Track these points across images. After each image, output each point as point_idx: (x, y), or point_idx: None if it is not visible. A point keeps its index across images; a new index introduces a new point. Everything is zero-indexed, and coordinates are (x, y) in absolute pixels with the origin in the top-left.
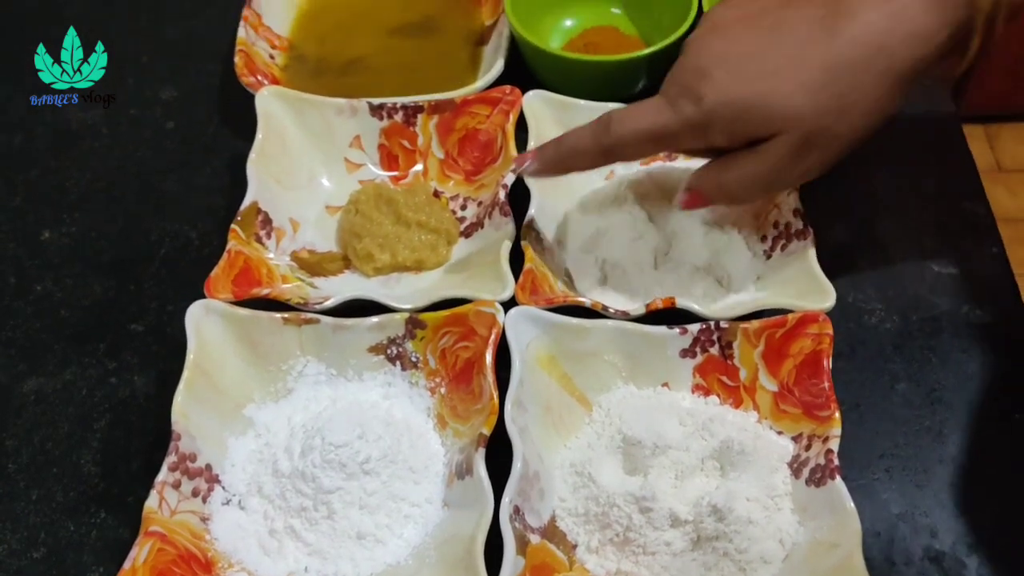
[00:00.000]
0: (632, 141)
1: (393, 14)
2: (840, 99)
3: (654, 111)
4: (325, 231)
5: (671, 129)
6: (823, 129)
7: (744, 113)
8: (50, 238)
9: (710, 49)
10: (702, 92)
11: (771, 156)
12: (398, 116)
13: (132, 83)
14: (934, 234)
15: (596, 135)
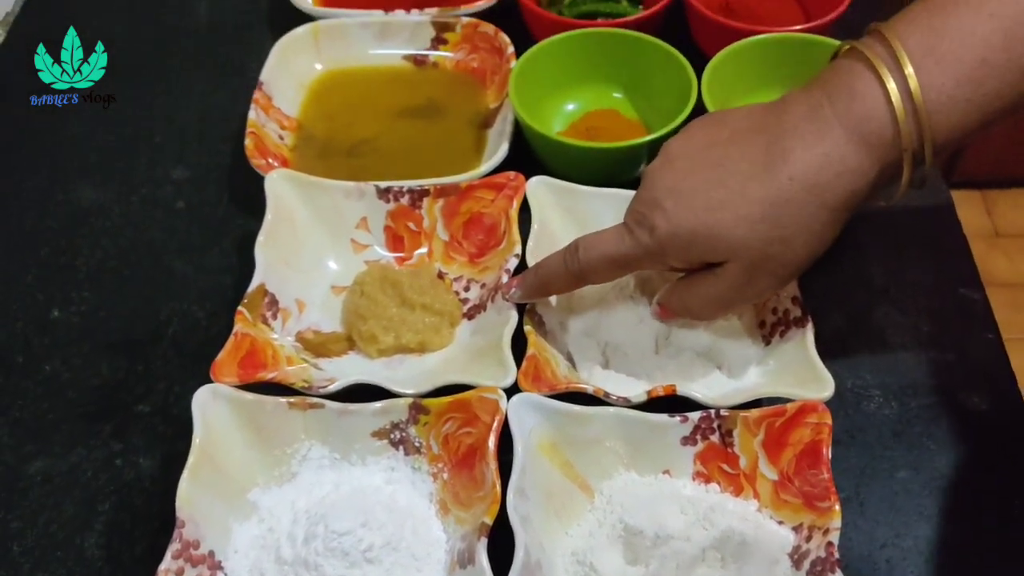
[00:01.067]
0: (598, 267)
1: (400, 96)
2: (781, 230)
3: (616, 239)
4: (330, 311)
5: (631, 256)
6: (768, 257)
7: (693, 243)
8: (59, 317)
9: (663, 181)
10: (655, 223)
11: (724, 280)
12: (404, 199)
13: (144, 163)
14: (930, 320)
15: (567, 261)
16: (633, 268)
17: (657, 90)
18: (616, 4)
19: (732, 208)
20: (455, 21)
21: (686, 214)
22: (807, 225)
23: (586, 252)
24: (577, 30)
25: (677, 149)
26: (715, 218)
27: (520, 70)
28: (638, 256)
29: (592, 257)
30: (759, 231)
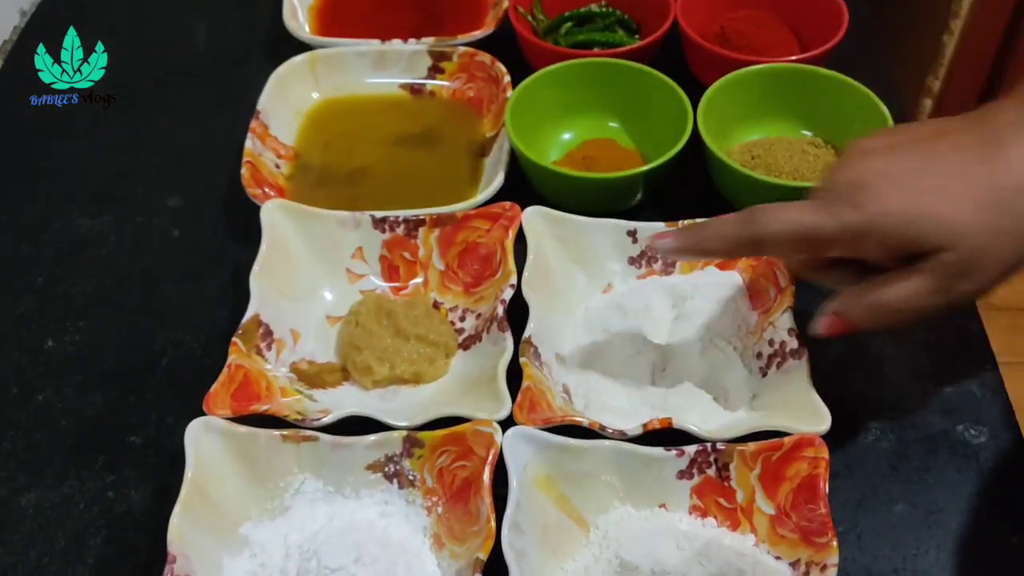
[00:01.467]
0: (781, 237)
1: (397, 124)
2: (1013, 219)
3: (809, 212)
4: (325, 342)
5: (826, 232)
6: (985, 249)
7: (907, 225)
8: (53, 347)
9: (867, 166)
10: (862, 201)
11: (931, 274)
12: (400, 229)
13: (141, 191)
14: (928, 352)
15: (742, 225)
16: (818, 249)
17: (653, 119)
18: (612, 34)
19: (956, 191)
20: (452, 50)
21: (901, 195)
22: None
23: (770, 220)
24: (573, 60)
25: (872, 144)
26: (935, 200)
27: (516, 100)
28: (833, 235)
29: (777, 226)
30: (986, 218)
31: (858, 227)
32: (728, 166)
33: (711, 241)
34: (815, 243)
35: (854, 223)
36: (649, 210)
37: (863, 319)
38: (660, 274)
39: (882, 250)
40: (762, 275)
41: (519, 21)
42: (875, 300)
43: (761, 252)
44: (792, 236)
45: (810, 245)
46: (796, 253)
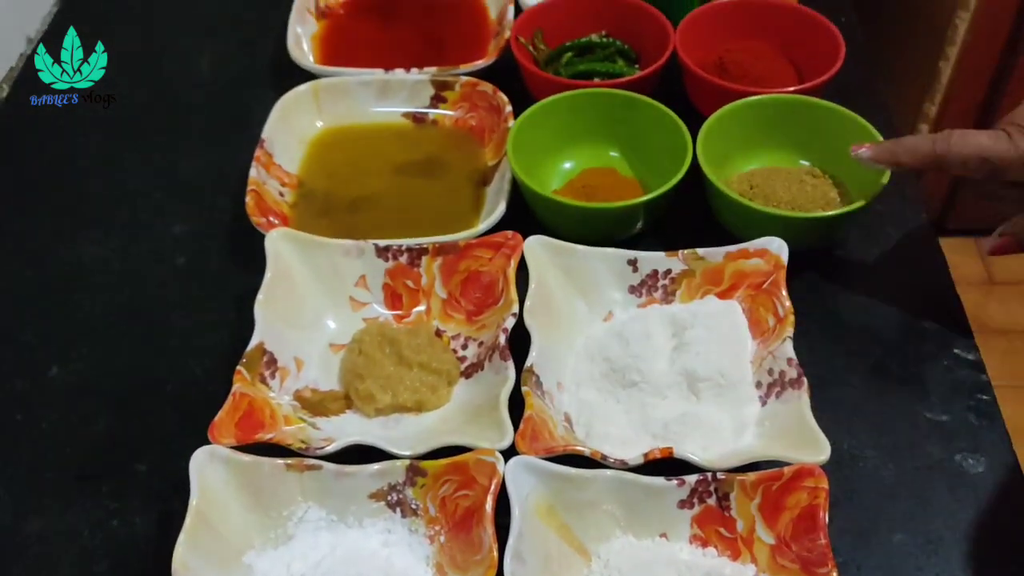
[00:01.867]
0: (967, 157)
1: (400, 153)
2: None
3: (994, 139)
4: (328, 369)
5: (1006, 158)
6: None
7: None
8: (58, 374)
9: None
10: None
11: None
12: (403, 258)
13: (145, 218)
14: (925, 381)
15: (935, 142)
16: (996, 172)
17: (653, 149)
18: (613, 64)
19: None
20: (454, 80)
21: None
22: None
23: (961, 141)
24: (574, 90)
25: None
26: None
27: (518, 130)
28: (1012, 161)
29: (966, 147)
30: None
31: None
32: (727, 196)
33: (904, 154)
34: (995, 167)
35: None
36: (650, 238)
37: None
38: (660, 302)
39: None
40: (761, 304)
41: (520, 51)
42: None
43: (947, 169)
44: (977, 157)
45: (990, 168)
46: (977, 175)
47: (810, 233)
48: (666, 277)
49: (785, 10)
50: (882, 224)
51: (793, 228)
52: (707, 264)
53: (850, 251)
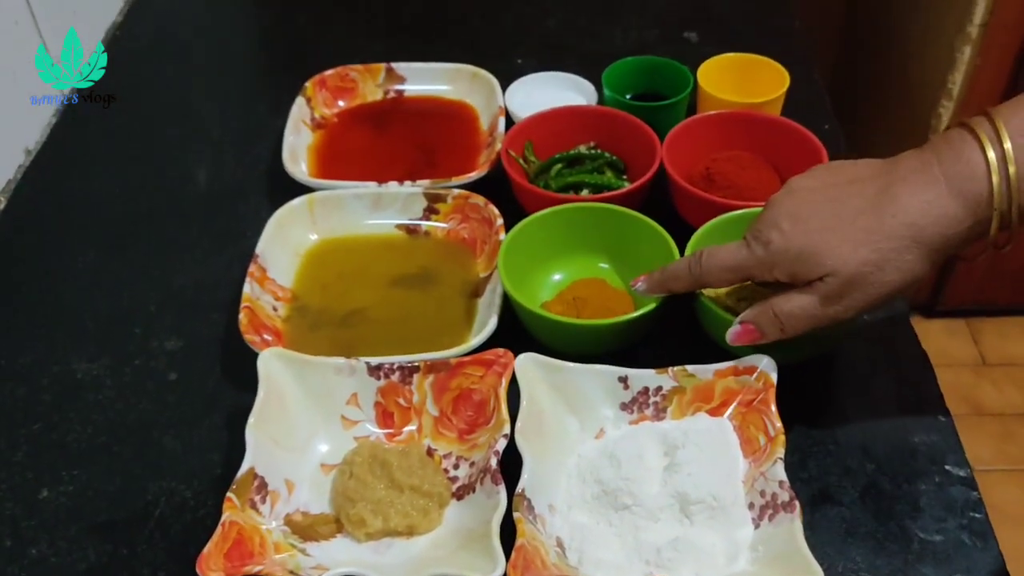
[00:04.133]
0: (716, 273)
1: (393, 265)
2: (878, 255)
3: (735, 251)
4: (319, 491)
5: (745, 265)
6: (862, 276)
7: (800, 257)
8: (48, 497)
9: (783, 207)
10: (771, 238)
11: (819, 292)
12: (395, 376)
13: (139, 333)
14: (919, 500)
15: (691, 266)
16: (744, 277)
17: (642, 261)
18: (601, 175)
19: (840, 232)
20: (446, 193)
21: (799, 233)
22: (900, 257)
23: (707, 260)
24: (563, 205)
25: (799, 184)
26: (824, 238)
27: (508, 245)
28: (750, 266)
29: (712, 264)
30: (860, 254)
31: (767, 261)
32: (716, 313)
33: (671, 281)
34: (741, 273)
35: (764, 258)
36: (641, 350)
37: (768, 325)
38: (652, 419)
39: (786, 275)
40: (752, 423)
41: (511, 165)
42: (777, 308)
43: (707, 285)
44: (724, 271)
45: (738, 275)
46: (732, 281)
47: (798, 348)
48: (657, 394)
49: (768, 122)
50: (871, 335)
51: (781, 344)
52: (697, 381)
53: (839, 363)
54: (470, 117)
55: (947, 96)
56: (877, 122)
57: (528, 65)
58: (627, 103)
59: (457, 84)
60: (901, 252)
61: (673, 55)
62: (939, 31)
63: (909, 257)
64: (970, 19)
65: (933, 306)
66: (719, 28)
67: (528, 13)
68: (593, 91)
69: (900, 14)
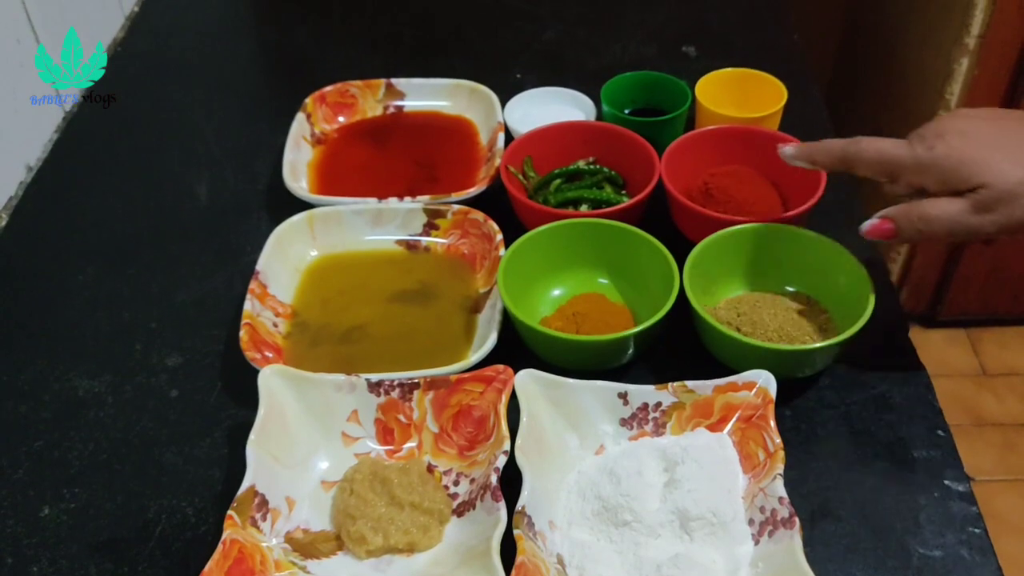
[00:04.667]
0: (870, 158)
1: (393, 280)
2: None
3: (895, 145)
4: (320, 508)
5: (902, 162)
6: (1014, 194)
7: (961, 165)
8: (49, 515)
9: (951, 124)
10: (935, 144)
11: (970, 200)
12: (395, 392)
13: (140, 349)
14: (918, 515)
15: (845, 145)
16: (893, 174)
17: (641, 276)
18: (600, 190)
19: (1003, 151)
20: (446, 208)
21: (963, 145)
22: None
23: (868, 144)
24: (562, 220)
25: (966, 112)
26: (987, 153)
27: (508, 261)
28: (907, 164)
29: (871, 150)
30: (1018, 172)
31: (926, 162)
32: (715, 328)
33: (819, 154)
34: (893, 169)
35: (924, 159)
36: (640, 365)
37: (907, 226)
38: (652, 435)
39: (939, 182)
40: (751, 439)
41: (510, 181)
42: (921, 211)
43: (853, 170)
44: (879, 160)
45: (889, 170)
46: (879, 177)
47: (798, 364)
48: (656, 410)
49: (766, 137)
50: (869, 349)
51: (781, 361)
52: (697, 397)
53: (837, 377)
54: (469, 132)
55: (945, 107)
56: (875, 133)
57: (527, 80)
58: (625, 118)
59: (456, 99)
60: None
61: (671, 69)
62: (937, 42)
63: None
64: (967, 31)
65: (933, 316)
66: (717, 43)
67: (527, 28)
68: (592, 106)
69: (897, 26)
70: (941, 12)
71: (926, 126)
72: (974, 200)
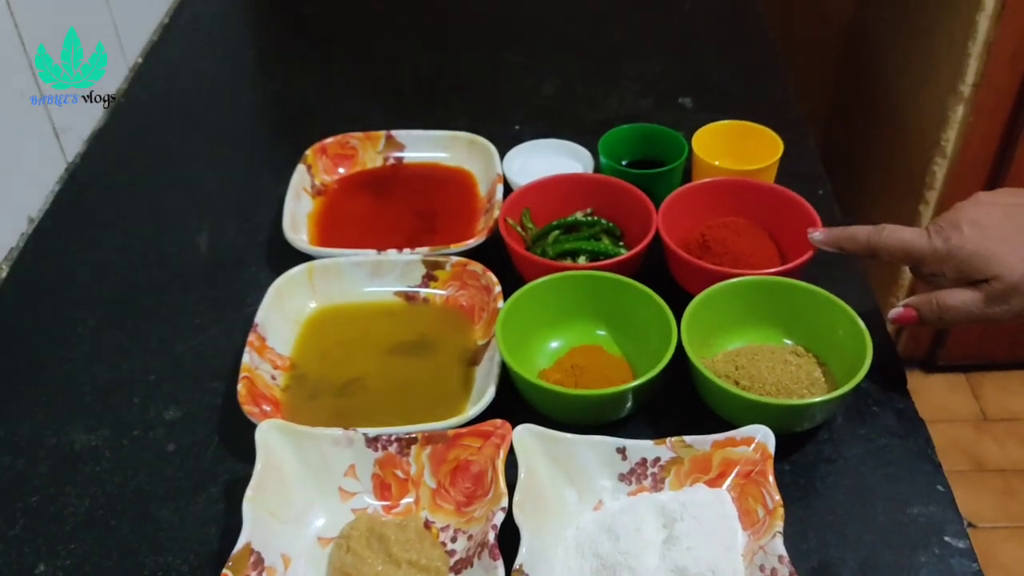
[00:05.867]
0: (893, 248)
1: (392, 332)
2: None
3: (916, 236)
4: (316, 565)
5: (922, 252)
6: (1022, 288)
7: (974, 257)
8: (44, 572)
9: (966, 212)
10: (951, 236)
11: (984, 292)
12: (392, 447)
13: (138, 402)
14: (918, 572)
15: (870, 234)
16: (914, 263)
17: (639, 329)
18: (598, 242)
19: (1012, 242)
20: (445, 260)
21: (976, 237)
22: None
23: (890, 235)
24: (560, 273)
25: (985, 197)
26: (998, 246)
27: (506, 314)
28: (926, 254)
29: (893, 239)
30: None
31: (943, 254)
32: (713, 382)
33: (846, 241)
34: (913, 259)
35: (940, 251)
36: (638, 419)
37: (928, 314)
38: (650, 490)
39: (955, 271)
40: (751, 495)
41: (509, 233)
42: (941, 300)
43: (877, 255)
44: (901, 249)
45: (910, 260)
46: (900, 261)
47: (796, 418)
48: (655, 465)
49: (762, 189)
50: (867, 402)
51: (778, 416)
52: (695, 452)
53: (836, 431)
54: (469, 183)
55: (940, 153)
56: (871, 180)
57: (526, 132)
58: (623, 170)
59: (455, 151)
60: None
61: (668, 121)
62: (932, 91)
63: None
64: (962, 79)
65: (933, 361)
66: (713, 94)
67: (526, 80)
68: (589, 157)
69: (893, 74)
70: (936, 61)
71: (944, 215)
72: (987, 291)
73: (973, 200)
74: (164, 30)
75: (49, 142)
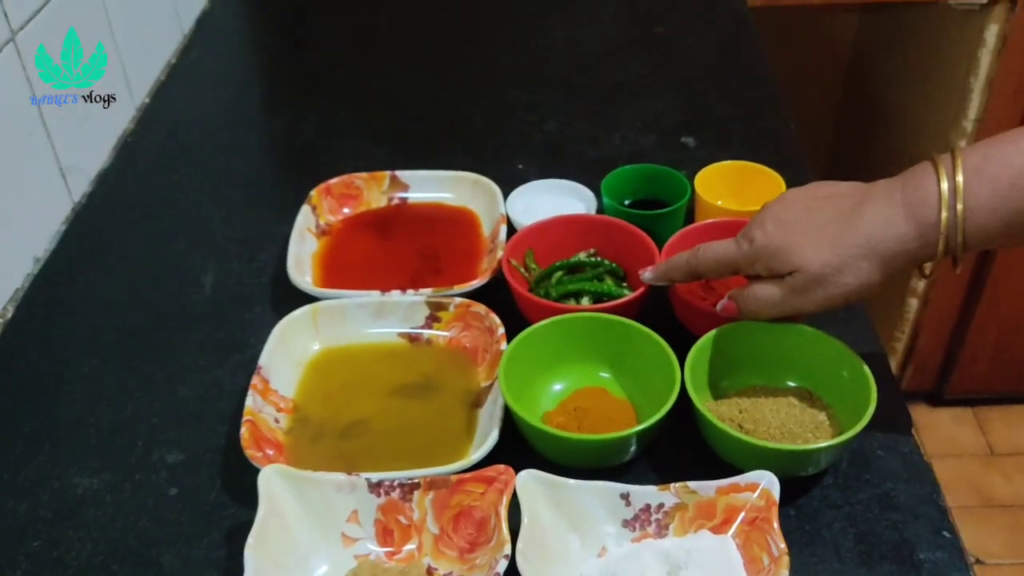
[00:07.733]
0: (710, 264)
1: (395, 374)
2: (838, 259)
3: (726, 246)
4: None
5: (734, 259)
6: (823, 276)
7: (777, 254)
8: None
9: (770, 211)
10: (755, 236)
11: (787, 284)
12: (395, 493)
13: (141, 445)
14: None
15: (688, 259)
16: (733, 270)
17: (643, 371)
18: (601, 283)
19: (810, 236)
20: (448, 301)
21: (778, 234)
22: (857, 263)
23: (703, 253)
24: (564, 315)
25: (789, 193)
26: (797, 240)
27: (509, 357)
28: (738, 259)
29: (707, 256)
30: (823, 256)
31: (751, 255)
32: (717, 427)
33: (672, 272)
34: (731, 266)
35: (748, 253)
36: (642, 462)
37: (743, 305)
38: (654, 536)
39: (765, 268)
40: (755, 542)
41: (512, 275)
42: (752, 292)
43: (702, 277)
44: (716, 264)
45: (728, 268)
46: (723, 273)
47: (801, 463)
48: (659, 511)
49: None
50: (873, 445)
51: (783, 460)
52: (699, 498)
53: (842, 475)
54: (472, 223)
55: None
56: None
57: (529, 171)
58: (626, 211)
59: (459, 191)
60: (858, 259)
61: (671, 160)
62: (935, 127)
63: (864, 265)
64: (965, 115)
65: (940, 394)
66: (716, 132)
67: (528, 120)
68: (592, 197)
69: (895, 110)
70: (939, 96)
71: (753, 220)
72: (791, 283)
73: (780, 197)
74: (171, 70)
75: (55, 182)
